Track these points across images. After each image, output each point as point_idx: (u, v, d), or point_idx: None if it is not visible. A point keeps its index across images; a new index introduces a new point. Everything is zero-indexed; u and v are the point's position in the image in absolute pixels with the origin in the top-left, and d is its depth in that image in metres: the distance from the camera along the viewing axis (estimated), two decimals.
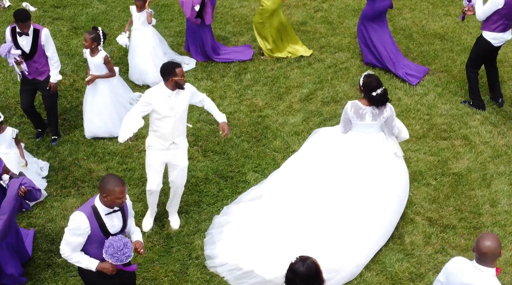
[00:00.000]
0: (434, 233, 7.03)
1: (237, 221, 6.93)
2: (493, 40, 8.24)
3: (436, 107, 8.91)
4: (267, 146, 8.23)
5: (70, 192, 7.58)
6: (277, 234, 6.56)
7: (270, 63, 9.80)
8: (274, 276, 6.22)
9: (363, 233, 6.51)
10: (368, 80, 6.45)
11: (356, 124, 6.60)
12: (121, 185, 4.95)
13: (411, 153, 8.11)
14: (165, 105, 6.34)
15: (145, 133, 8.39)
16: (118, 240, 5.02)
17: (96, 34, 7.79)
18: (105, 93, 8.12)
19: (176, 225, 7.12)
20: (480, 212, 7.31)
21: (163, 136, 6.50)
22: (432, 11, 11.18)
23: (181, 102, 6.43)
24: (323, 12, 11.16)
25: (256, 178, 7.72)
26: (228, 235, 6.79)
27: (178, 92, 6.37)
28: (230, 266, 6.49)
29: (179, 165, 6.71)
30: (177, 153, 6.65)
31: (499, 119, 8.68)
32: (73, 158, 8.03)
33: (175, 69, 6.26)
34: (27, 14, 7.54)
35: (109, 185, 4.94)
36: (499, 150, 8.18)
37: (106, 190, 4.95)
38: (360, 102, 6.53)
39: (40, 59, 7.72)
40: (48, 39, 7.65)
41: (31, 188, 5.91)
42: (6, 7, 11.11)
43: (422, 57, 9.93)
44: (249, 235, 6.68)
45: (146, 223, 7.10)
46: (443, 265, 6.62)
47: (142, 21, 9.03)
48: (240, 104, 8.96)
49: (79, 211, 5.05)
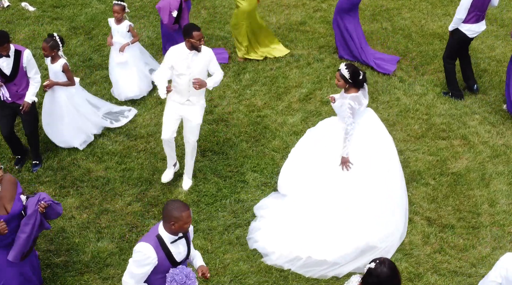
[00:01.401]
0: (432, 233, 7.04)
1: (271, 218, 7.09)
2: (468, 31, 8.49)
3: (435, 107, 8.91)
4: (266, 146, 8.23)
5: (69, 192, 7.58)
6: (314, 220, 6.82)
7: (269, 63, 9.80)
8: (334, 257, 6.60)
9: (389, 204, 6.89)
10: (353, 69, 6.68)
11: (359, 111, 6.80)
12: (187, 209, 4.78)
13: (410, 153, 8.11)
14: (182, 63, 6.95)
15: (144, 133, 8.41)
16: (179, 273, 4.83)
17: (53, 41, 7.60)
18: (61, 102, 7.90)
19: (185, 186, 7.56)
20: (478, 212, 7.31)
21: (180, 92, 7.10)
22: (431, 11, 11.18)
23: (198, 64, 6.98)
24: (322, 12, 11.16)
25: (255, 178, 7.72)
26: (269, 232, 6.94)
27: (196, 54, 6.93)
28: (286, 257, 6.70)
29: (192, 121, 7.23)
30: (192, 110, 7.19)
31: (498, 119, 8.68)
32: (71, 158, 8.03)
33: (192, 32, 6.85)
34: (5, 35, 7.10)
35: (175, 211, 4.75)
36: (498, 150, 8.18)
37: (173, 218, 4.74)
38: (353, 93, 6.72)
39: (21, 81, 7.30)
40: (30, 61, 7.26)
41: (51, 202, 5.59)
42: (5, 7, 11.11)
43: (421, 57, 9.93)
44: (288, 226, 6.89)
45: (166, 175, 7.61)
46: (441, 265, 6.66)
47: (121, 34, 8.72)
48: (239, 104, 8.96)
49: (144, 243, 4.80)
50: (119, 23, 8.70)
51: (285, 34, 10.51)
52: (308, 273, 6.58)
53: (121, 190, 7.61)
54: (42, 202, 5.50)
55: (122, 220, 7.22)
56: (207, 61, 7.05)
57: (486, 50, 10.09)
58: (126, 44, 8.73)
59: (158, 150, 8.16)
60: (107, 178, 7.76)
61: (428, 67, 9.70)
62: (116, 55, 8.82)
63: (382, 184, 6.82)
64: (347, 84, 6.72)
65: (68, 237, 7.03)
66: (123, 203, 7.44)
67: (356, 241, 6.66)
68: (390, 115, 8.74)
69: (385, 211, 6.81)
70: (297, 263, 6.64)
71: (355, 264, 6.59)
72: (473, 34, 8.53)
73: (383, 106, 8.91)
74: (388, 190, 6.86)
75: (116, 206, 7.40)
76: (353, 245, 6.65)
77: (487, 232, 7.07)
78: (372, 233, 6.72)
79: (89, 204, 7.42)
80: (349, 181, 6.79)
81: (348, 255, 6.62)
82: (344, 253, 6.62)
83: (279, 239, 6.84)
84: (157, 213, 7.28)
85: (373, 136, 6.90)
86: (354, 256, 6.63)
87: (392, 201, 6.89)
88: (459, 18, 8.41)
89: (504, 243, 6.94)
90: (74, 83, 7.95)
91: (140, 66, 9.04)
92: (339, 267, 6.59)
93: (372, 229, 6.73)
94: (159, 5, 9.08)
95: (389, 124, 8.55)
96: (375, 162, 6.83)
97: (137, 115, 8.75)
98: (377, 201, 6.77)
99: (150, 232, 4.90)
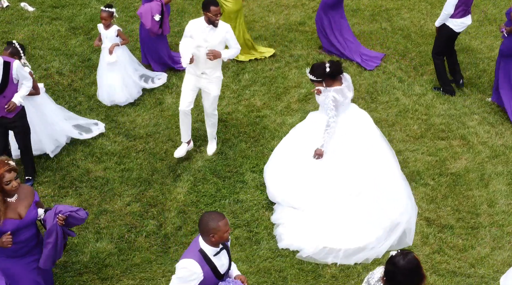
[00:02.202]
0: (431, 233, 7.03)
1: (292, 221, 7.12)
2: (455, 26, 8.68)
3: (434, 107, 8.91)
4: (265, 146, 8.23)
5: (68, 192, 7.58)
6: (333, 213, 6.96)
7: (268, 63, 9.80)
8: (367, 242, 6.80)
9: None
10: (315, 67, 6.83)
11: (343, 104, 6.90)
12: (223, 218, 4.73)
13: (409, 153, 8.11)
14: (200, 36, 7.33)
15: (143, 134, 8.41)
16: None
17: (12, 48, 7.48)
18: (30, 111, 7.72)
19: (210, 151, 8.06)
20: (478, 212, 7.31)
21: (197, 64, 7.45)
22: (430, 11, 11.18)
23: (215, 37, 7.35)
24: None
25: (254, 178, 7.72)
26: (295, 231, 6.99)
27: (213, 29, 7.32)
28: (316, 249, 6.79)
29: (209, 94, 7.63)
30: (209, 82, 7.58)
31: (497, 119, 8.68)
32: (71, 158, 8.03)
33: (210, 6, 7.21)
34: None
35: (212, 222, 4.69)
36: (497, 150, 8.18)
37: (212, 229, 4.68)
38: (337, 86, 6.83)
39: (11, 94, 7.06)
40: (20, 71, 6.95)
41: (69, 212, 5.51)
42: (5, 7, 11.10)
43: (420, 57, 9.93)
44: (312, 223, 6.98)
45: (178, 151, 7.91)
46: (440, 265, 6.66)
47: (110, 39, 8.66)
48: (238, 104, 8.96)
49: (188, 259, 4.73)
50: (107, 29, 8.66)
51: (284, 34, 10.51)
52: (352, 261, 6.72)
53: (120, 190, 7.61)
54: (60, 215, 5.46)
55: (121, 220, 7.22)
56: (223, 36, 7.38)
57: (485, 50, 10.09)
58: (116, 44, 8.68)
59: (157, 150, 8.16)
60: (106, 178, 7.75)
61: (428, 67, 9.70)
62: (107, 55, 8.76)
63: (379, 166, 7.04)
64: (322, 83, 6.86)
65: (67, 238, 7.02)
66: (122, 204, 7.43)
67: (381, 222, 6.86)
68: (389, 115, 8.74)
69: (393, 188, 7.06)
70: (339, 254, 6.76)
71: (389, 243, 6.82)
72: (460, 29, 8.74)
73: (382, 106, 8.92)
74: (387, 171, 7.09)
75: (115, 207, 7.40)
76: (380, 227, 6.85)
77: (486, 233, 7.07)
78: (391, 210, 6.93)
79: (88, 205, 7.42)
80: (345, 168, 6.95)
81: (380, 237, 6.82)
82: (375, 236, 6.81)
83: (309, 236, 6.91)
84: (156, 214, 7.28)
85: (360, 127, 7.04)
86: (385, 236, 6.84)
87: (395, 179, 7.14)
88: (447, 14, 8.55)
89: (503, 243, 6.94)
90: (39, 92, 7.70)
91: (129, 71, 8.96)
92: (378, 249, 6.80)
93: (390, 207, 6.94)
94: (140, 11, 8.98)
95: (388, 124, 8.56)
96: (366, 148, 7.01)
97: (136, 115, 8.75)
98: (382, 181, 7.00)
99: (191, 247, 4.82)
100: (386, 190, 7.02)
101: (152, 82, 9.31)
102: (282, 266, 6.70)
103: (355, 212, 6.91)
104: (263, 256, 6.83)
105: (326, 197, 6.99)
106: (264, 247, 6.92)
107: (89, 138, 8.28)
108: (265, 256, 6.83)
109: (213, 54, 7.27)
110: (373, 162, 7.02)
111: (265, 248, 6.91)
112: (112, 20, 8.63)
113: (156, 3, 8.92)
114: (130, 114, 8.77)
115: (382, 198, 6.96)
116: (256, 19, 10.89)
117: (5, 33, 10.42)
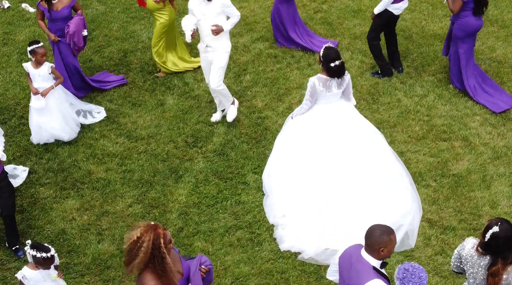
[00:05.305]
0: (434, 235, 7.03)
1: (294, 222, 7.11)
2: (395, 10, 9.12)
3: (436, 108, 8.90)
4: (267, 148, 8.22)
5: (70, 193, 7.57)
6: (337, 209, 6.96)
7: (270, 64, 9.79)
8: None
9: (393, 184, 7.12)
10: (328, 52, 6.93)
11: (325, 96, 7.02)
12: (393, 232, 4.62)
13: (411, 154, 8.10)
14: (198, 10, 7.83)
15: (144, 135, 8.40)
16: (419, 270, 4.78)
17: None
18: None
19: (229, 118, 8.39)
20: (480, 214, 7.30)
21: (202, 38, 8.02)
22: (431, 12, 11.17)
23: (211, 10, 7.77)
24: (322, 13, 11.15)
25: (255, 180, 7.71)
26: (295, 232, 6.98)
27: (207, 3, 7.74)
28: (317, 250, 6.79)
29: (215, 64, 8.02)
30: (215, 54, 8.01)
31: (498, 120, 8.67)
32: (72, 159, 8.03)
33: None
34: None
35: (384, 236, 4.57)
36: (499, 151, 8.17)
37: (383, 243, 4.56)
38: (324, 75, 6.97)
39: None
40: None
41: (211, 266, 5.17)
42: (6, 8, 11.10)
43: (422, 58, 9.92)
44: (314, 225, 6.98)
45: (215, 116, 8.59)
46: (443, 267, 6.66)
47: (43, 77, 7.92)
48: (239, 105, 8.94)
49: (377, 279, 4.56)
50: (38, 67, 7.86)
51: None
52: None
53: (121, 191, 7.60)
54: (203, 267, 5.12)
55: (123, 222, 7.21)
56: (218, 6, 7.77)
57: (486, 51, 10.08)
58: (50, 87, 7.97)
59: (158, 151, 8.15)
60: (107, 179, 7.75)
61: (429, 68, 9.69)
62: (35, 99, 7.97)
63: (379, 166, 7.07)
64: (321, 64, 7.00)
65: (69, 239, 7.02)
66: (123, 205, 7.43)
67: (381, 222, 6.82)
68: (391, 116, 8.74)
69: (394, 188, 7.05)
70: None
71: None
72: (399, 12, 9.18)
73: (383, 107, 8.91)
74: (386, 171, 7.09)
75: (117, 208, 7.39)
76: None
77: None
78: (393, 211, 6.88)
79: (90, 206, 7.41)
80: (344, 168, 6.98)
81: None
82: None
83: (311, 238, 6.89)
84: (157, 215, 7.27)
85: (347, 120, 7.13)
86: None
87: (395, 180, 7.12)
88: (388, 1, 8.97)
89: None
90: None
91: (65, 109, 8.25)
92: None
93: (392, 208, 6.90)
94: (72, 31, 8.39)
95: (390, 126, 8.55)
96: (362, 145, 7.07)
97: (138, 116, 8.74)
98: (382, 181, 7.00)
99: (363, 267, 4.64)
100: (387, 191, 7.00)
101: (91, 116, 8.66)
102: (284, 268, 6.70)
103: (357, 213, 6.89)
104: (265, 258, 6.82)
105: (326, 197, 6.98)
106: (266, 248, 6.92)
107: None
108: (267, 257, 6.83)
109: (215, 30, 7.75)
110: (373, 162, 7.02)
111: (267, 250, 6.90)
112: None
113: (80, 17, 8.46)
114: (131, 115, 8.77)
115: (383, 199, 6.94)
116: (257, 20, 10.88)
117: (6, 34, 10.43)
